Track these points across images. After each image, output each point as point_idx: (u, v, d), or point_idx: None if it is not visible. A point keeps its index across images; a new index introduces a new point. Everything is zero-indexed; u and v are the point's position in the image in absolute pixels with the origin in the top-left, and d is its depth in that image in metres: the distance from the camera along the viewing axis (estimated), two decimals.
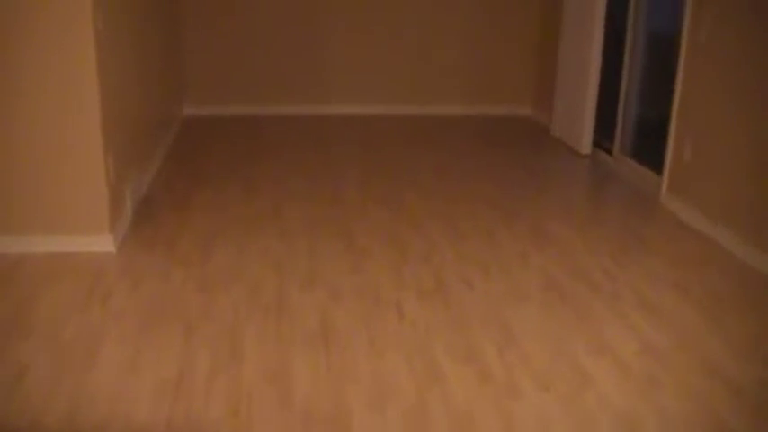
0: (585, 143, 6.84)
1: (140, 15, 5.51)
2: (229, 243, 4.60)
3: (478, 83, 8.32)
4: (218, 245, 4.56)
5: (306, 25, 7.87)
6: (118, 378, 3.12)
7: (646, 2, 6.23)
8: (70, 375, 3.13)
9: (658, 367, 3.32)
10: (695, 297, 4.05)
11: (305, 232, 4.81)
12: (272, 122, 7.76)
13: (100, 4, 4.17)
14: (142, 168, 5.42)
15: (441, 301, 3.90)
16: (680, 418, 2.95)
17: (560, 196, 5.82)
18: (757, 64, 4.53)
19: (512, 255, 4.54)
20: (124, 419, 2.83)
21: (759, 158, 4.51)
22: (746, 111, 4.64)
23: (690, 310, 3.90)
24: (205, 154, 6.57)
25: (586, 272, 4.32)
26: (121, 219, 4.63)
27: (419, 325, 3.65)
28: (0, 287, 3.96)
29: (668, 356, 3.41)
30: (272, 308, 3.78)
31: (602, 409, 2.98)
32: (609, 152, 6.68)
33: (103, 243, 4.38)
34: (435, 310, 3.80)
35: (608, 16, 6.54)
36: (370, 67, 8.10)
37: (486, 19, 8.13)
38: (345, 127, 7.71)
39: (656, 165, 5.78)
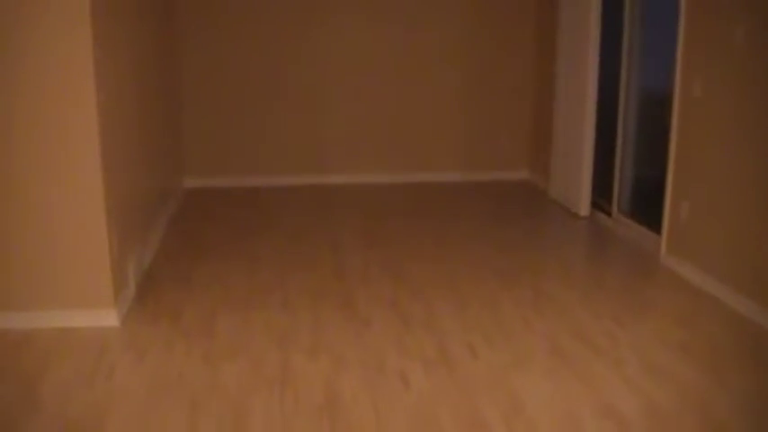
0: (584, 205, 6.90)
1: (142, 87, 5.61)
2: (233, 315, 4.61)
3: (475, 148, 8.42)
4: (221, 317, 4.58)
5: (304, 95, 7.99)
6: None
7: (638, 60, 6.35)
8: None
9: (664, 429, 3.31)
10: (699, 356, 4.05)
11: (308, 303, 4.82)
12: (273, 193, 7.83)
13: (102, 77, 4.26)
14: (144, 241, 5.46)
15: (445, 370, 3.90)
16: None
17: (560, 259, 5.86)
18: (751, 120, 4.60)
19: (514, 320, 4.55)
20: None
21: (758, 214, 4.55)
22: (742, 167, 4.70)
23: (694, 369, 3.89)
24: (206, 226, 6.62)
25: (589, 335, 4.32)
26: (125, 293, 4.65)
27: (424, 394, 3.64)
28: (6, 364, 3.96)
29: (674, 417, 3.40)
30: (277, 380, 3.77)
31: None
32: (607, 213, 6.73)
33: (107, 317, 4.39)
34: (440, 379, 3.80)
35: (601, 76, 6.65)
36: (368, 136, 8.20)
37: (481, 84, 8.26)
38: (345, 195, 7.78)
39: (655, 224, 5.83)
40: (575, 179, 6.98)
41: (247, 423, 3.36)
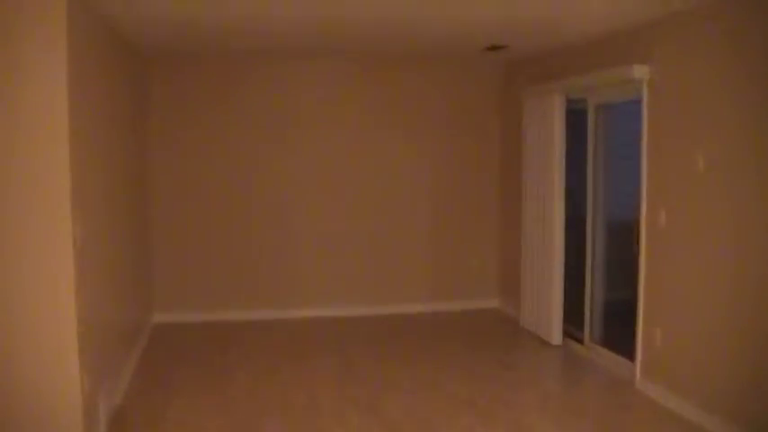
0: (556, 334, 6.93)
1: (115, 226, 5.63)
2: None
3: (445, 278, 8.48)
4: None
5: (274, 229, 8.05)
6: None
7: (603, 188, 6.52)
8: None
9: None
10: None
11: None
12: (243, 327, 7.74)
13: (78, 219, 4.28)
14: (115, 378, 5.35)
15: None
16: None
17: (536, 390, 5.82)
18: (716, 246, 4.72)
19: None
20: None
21: (731, 338, 4.60)
22: (712, 291, 4.79)
23: None
24: (177, 363, 6.50)
25: None
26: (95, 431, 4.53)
27: None
28: None
29: None
30: None
31: None
32: (579, 341, 6.75)
33: None
34: None
35: (567, 205, 6.82)
36: (339, 269, 8.23)
37: (450, 215, 8.42)
38: (316, 330, 7.72)
39: (629, 350, 5.85)
40: (545, 308, 7.03)
41: None
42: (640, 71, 5.44)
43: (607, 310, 6.61)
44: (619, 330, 6.28)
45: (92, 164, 4.77)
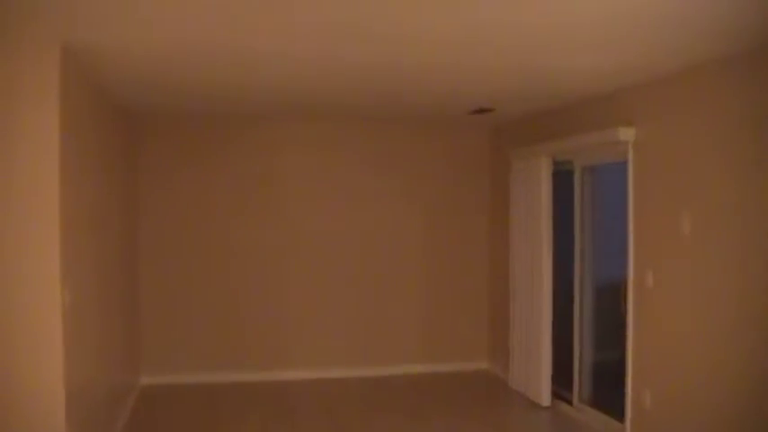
0: (545, 395, 6.90)
1: (103, 287, 5.62)
2: None
3: (434, 339, 8.46)
4: None
5: (262, 292, 8.03)
6: None
7: (591, 249, 6.56)
8: None
9: None
10: None
11: None
12: (231, 389, 7.68)
13: (67, 281, 4.28)
14: None
15: None
16: None
17: None
18: (704, 306, 4.75)
19: None
20: None
21: (721, 399, 4.60)
22: (700, 353, 4.80)
23: None
24: (164, 426, 6.42)
25: None
26: None
27: None
28: None
29: None
30: None
31: None
32: (569, 402, 6.72)
33: None
34: None
35: (555, 266, 6.84)
36: (326, 331, 8.20)
37: (440, 277, 8.44)
38: (305, 392, 7.66)
39: (618, 411, 5.83)
40: (534, 369, 7.02)
41: None
42: (626, 134, 5.52)
43: (596, 370, 6.60)
44: (608, 391, 6.26)
45: (81, 226, 4.79)
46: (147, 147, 7.75)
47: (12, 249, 4.09)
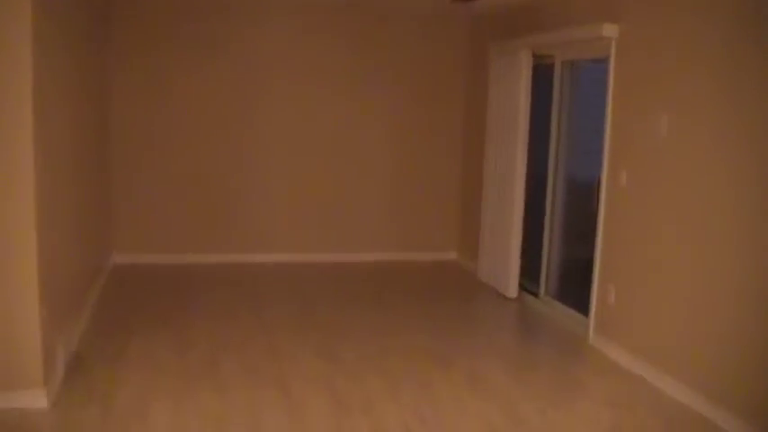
0: (512, 287, 7.03)
1: (76, 161, 5.56)
2: (166, 398, 4.50)
3: (404, 229, 8.55)
4: (154, 400, 4.46)
5: (236, 176, 8.02)
6: None
7: (566, 146, 6.58)
8: None
9: None
10: None
11: (241, 385, 4.75)
12: (202, 270, 7.76)
13: (40, 148, 4.22)
14: (73, 319, 5.34)
15: None
16: None
17: (492, 341, 5.93)
18: (675, 206, 4.81)
19: (448, 402, 4.58)
20: None
21: (682, 297, 4.72)
22: (667, 251, 4.89)
23: None
24: (136, 304, 6.50)
25: (522, 416, 4.38)
26: (54, 373, 4.52)
27: None
28: None
29: None
30: None
31: None
32: (535, 295, 6.87)
33: (36, 399, 4.24)
34: None
35: (529, 162, 6.86)
36: (299, 216, 8.25)
37: (411, 167, 8.45)
38: (277, 275, 7.76)
39: (583, 306, 5.97)
40: (503, 262, 7.12)
41: None
42: (610, 30, 5.44)
43: (565, 267, 6.72)
44: (575, 288, 6.40)
45: (53, 101, 4.68)
46: (123, 22, 7.54)
47: None
